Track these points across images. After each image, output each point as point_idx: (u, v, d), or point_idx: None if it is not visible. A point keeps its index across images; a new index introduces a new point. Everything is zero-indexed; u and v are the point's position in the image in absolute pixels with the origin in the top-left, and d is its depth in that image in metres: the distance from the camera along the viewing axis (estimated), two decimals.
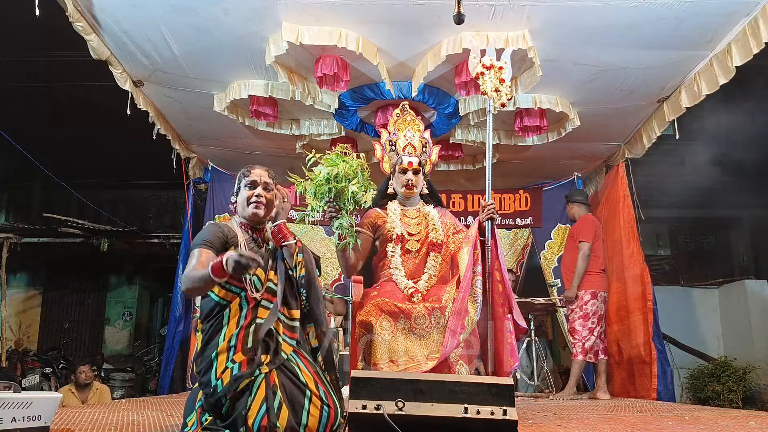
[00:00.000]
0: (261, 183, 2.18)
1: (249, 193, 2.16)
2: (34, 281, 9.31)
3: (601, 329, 4.76)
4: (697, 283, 7.80)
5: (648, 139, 4.92)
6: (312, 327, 2.16)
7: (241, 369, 1.90)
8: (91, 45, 3.71)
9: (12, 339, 8.50)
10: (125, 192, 9.35)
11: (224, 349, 1.95)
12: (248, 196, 2.16)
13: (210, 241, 2.04)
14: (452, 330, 2.62)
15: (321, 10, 3.54)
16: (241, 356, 1.93)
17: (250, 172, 2.20)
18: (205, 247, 2.03)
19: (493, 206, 2.85)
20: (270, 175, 2.24)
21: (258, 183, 2.18)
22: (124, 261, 9.03)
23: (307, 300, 2.12)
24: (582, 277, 4.76)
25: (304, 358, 2.03)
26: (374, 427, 1.62)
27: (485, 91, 2.92)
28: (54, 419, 2.02)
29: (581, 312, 4.74)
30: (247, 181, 2.18)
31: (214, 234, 2.07)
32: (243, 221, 2.20)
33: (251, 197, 2.16)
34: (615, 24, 3.61)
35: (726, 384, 5.94)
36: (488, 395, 1.66)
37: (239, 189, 2.21)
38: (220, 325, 1.99)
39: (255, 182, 2.18)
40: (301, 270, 2.12)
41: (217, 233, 2.08)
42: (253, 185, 2.17)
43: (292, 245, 2.13)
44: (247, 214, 2.16)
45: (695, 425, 2.53)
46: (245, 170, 2.23)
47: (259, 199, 2.15)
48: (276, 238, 2.16)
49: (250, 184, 2.18)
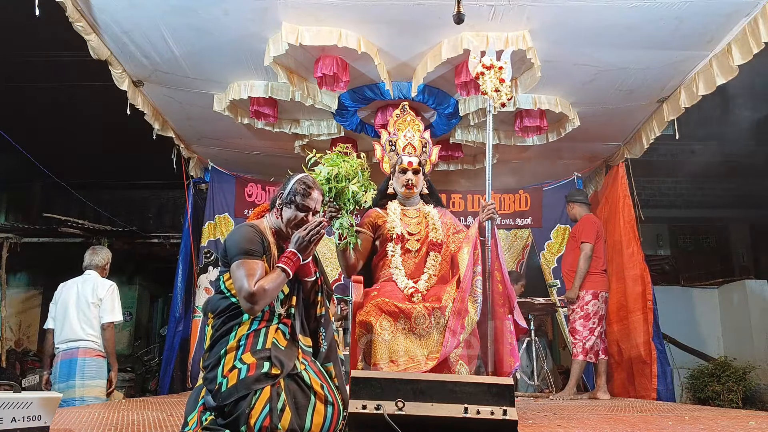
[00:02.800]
0: (313, 210, 2.16)
1: (299, 216, 2.12)
2: (34, 281, 9.30)
3: (601, 329, 4.77)
4: (697, 283, 7.80)
5: (648, 139, 4.92)
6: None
7: (249, 371, 1.89)
8: (91, 45, 3.71)
9: (12, 339, 8.49)
10: (125, 192, 9.34)
11: (234, 347, 1.94)
12: (297, 218, 2.12)
13: (253, 250, 2.01)
14: (452, 330, 2.62)
15: (321, 10, 3.54)
16: (251, 358, 1.92)
17: (310, 195, 2.14)
18: (249, 257, 1.99)
19: (493, 206, 2.85)
20: (323, 201, 2.27)
21: (311, 210, 2.15)
22: (124, 261, 9.02)
23: (324, 339, 2.13)
24: (584, 277, 4.76)
25: (311, 362, 2.03)
26: (374, 427, 1.62)
27: (485, 91, 2.92)
28: (54, 419, 2.02)
29: (582, 312, 4.74)
30: (303, 204, 2.13)
31: (252, 240, 2.03)
32: (277, 229, 2.17)
33: (299, 221, 2.12)
34: (615, 24, 3.61)
35: (726, 384, 5.93)
36: (488, 395, 1.66)
37: (291, 202, 2.13)
38: (233, 323, 1.99)
39: (309, 208, 2.14)
40: (321, 309, 2.14)
41: (257, 239, 2.05)
42: (307, 210, 2.13)
43: (309, 282, 2.15)
44: (287, 231, 2.13)
45: (695, 425, 2.53)
46: (305, 188, 2.15)
47: (305, 223, 2.12)
48: (300, 271, 2.12)
49: (305, 208, 2.13)
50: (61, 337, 3.87)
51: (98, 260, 4.07)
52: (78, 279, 4.02)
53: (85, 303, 3.90)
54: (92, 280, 3.98)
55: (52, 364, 3.89)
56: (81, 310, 3.89)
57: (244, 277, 1.94)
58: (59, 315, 3.92)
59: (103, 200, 8.59)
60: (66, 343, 3.84)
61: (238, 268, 1.96)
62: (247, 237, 2.04)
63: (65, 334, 3.86)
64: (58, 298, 3.99)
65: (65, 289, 4.01)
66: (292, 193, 2.14)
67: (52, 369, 3.87)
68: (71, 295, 3.92)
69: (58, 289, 4.05)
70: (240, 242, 2.02)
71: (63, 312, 3.91)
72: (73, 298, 3.91)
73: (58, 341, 3.88)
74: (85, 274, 4.04)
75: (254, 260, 1.99)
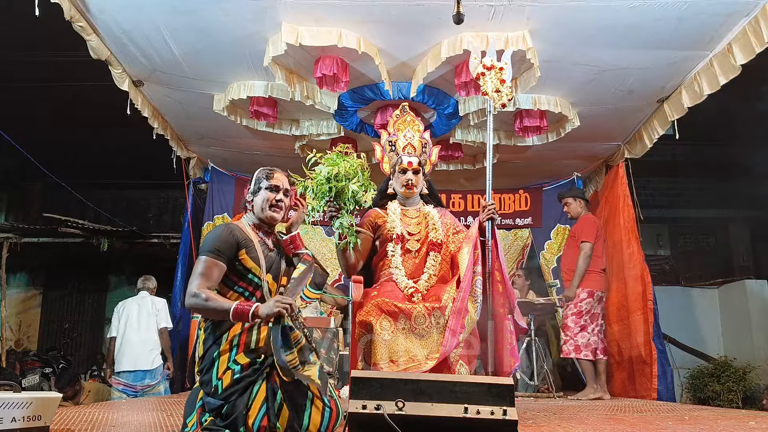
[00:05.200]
0: (282, 188, 2.22)
1: (270, 196, 2.19)
2: (34, 281, 9.30)
3: (596, 327, 4.76)
4: (697, 283, 7.79)
5: (648, 139, 4.92)
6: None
7: (243, 371, 1.90)
8: (91, 45, 3.71)
9: (12, 339, 8.49)
10: (125, 192, 9.35)
11: (226, 349, 1.95)
12: (269, 199, 2.18)
13: (220, 251, 2.04)
14: (452, 330, 2.62)
15: (321, 10, 3.54)
16: (244, 358, 1.93)
17: (273, 176, 2.23)
18: (215, 256, 2.02)
19: (493, 206, 2.85)
20: (290, 181, 2.29)
21: (280, 188, 2.21)
22: (124, 261, 9.02)
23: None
24: (582, 276, 4.76)
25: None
26: (374, 427, 1.62)
27: (486, 91, 2.92)
28: (54, 419, 2.02)
29: (575, 309, 4.77)
30: (269, 185, 2.20)
31: (224, 241, 2.06)
32: (256, 222, 2.22)
33: (272, 200, 2.19)
34: (615, 24, 3.60)
35: (726, 384, 5.93)
36: (488, 395, 1.66)
37: (258, 189, 2.22)
38: (224, 325, 2.00)
39: (277, 187, 2.21)
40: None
41: (229, 239, 2.07)
42: (275, 189, 2.20)
43: (302, 254, 2.20)
44: (265, 216, 2.19)
45: (695, 425, 2.53)
46: (267, 172, 2.25)
47: (279, 203, 2.19)
48: (287, 248, 2.22)
49: (272, 187, 2.20)
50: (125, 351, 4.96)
51: (149, 285, 5.29)
52: (136, 298, 5.20)
53: (146, 314, 5.07)
54: (149, 297, 5.19)
55: (113, 364, 5.00)
56: (142, 321, 5.02)
57: (197, 275, 1.99)
58: (122, 327, 5.03)
59: (103, 200, 8.59)
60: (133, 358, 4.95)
61: (198, 264, 2.02)
62: (219, 236, 2.07)
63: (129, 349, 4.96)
64: (121, 313, 5.09)
65: (126, 306, 5.14)
66: (257, 181, 2.24)
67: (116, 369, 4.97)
68: (133, 310, 5.07)
69: (120, 305, 5.19)
70: (211, 240, 2.07)
71: (125, 325, 5.02)
72: (134, 313, 5.04)
73: (123, 350, 4.96)
74: (141, 294, 5.22)
75: (216, 261, 2.02)
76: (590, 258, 4.78)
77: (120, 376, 4.95)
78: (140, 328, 4.99)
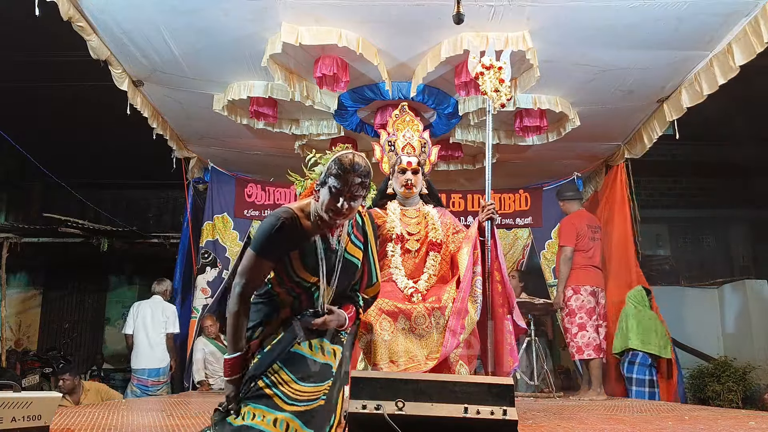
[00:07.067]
0: (348, 197, 1.85)
1: (333, 204, 1.84)
2: (34, 281, 9.30)
3: (594, 323, 4.75)
4: (697, 283, 7.79)
5: (648, 139, 4.92)
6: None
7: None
8: (91, 45, 3.71)
9: (12, 339, 8.49)
10: (125, 192, 9.34)
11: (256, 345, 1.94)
12: (333, 207, 1.85)
13: (270, 254, 1.87)
14: (452, 330, 2.62)
15: (321, 10, 3.54)
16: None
17: (343, 178, 1.83)
18: (261, 255, 1.86)
19: (493, 206, 2.85)
20: (363, 185, 1.88)
21: (347, 197, 1.85)
22: (124, 261, 9.02)
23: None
24: (566, 281, 4.80)
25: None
26: (374, 427, 1.62)
27: (485, 91, 2.92)
28: (54, 419, 2.02)
29: (567, 309, 4.81)
30: (335, 188, 1.84)
31: (272, 242, 1.85)
32: (318, 214, 1.92)
33: (336, 211, 1.85)
34: (615, 24, 3.60)
35: (726, 384, 5.93)
36: (488, 395, 1.66)
37: (325, 183, 1.86)
38: (273, 306, 1.99)
39: (342, 195, 1.84)
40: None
41: (277, 240, 1.86)
42: (339, 195, 1.84)
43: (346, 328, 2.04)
44: (322, 217, 1.89)
45: (695, 425, 2.53)
46: (339, 166, 1.84)
47: (342, 211, 1.86)
48: (334, 322, 1.97)
49: (337, 192, 1.84)
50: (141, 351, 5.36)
51: (162, 288, 5.58)
52: (149, 302, 5.51)
53: (158, 321, 5.40)
54: (161, 302, 5.49)
55: (130, 359, 5.43)
56: (153, 326, 5.37)
57: (243, 273, 1.88)
58: (138, 326, 5.39)
59: (103, 200, 8.59)
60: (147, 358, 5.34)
61: (245, 258, 1.90)
62: (268, 234, 1.85)
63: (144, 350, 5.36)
64: (136, 314, 5.41)
65: (141, 308, 5.46)
66: (327, 173, 1.88)
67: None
68: (147, 314, 5.40)
69: (135, 306, 5.52)
70: (262, 236, 1.87)
71: (141, 325, 5.38)
72: (148, 316, 5.38)
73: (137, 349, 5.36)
74: (154, 297, 5.52)
75: (262, 260, 1.87)
76: (570, 261, 4.82)
77: (136, 373, 5.35)
78: (152, 332, 5.36)
